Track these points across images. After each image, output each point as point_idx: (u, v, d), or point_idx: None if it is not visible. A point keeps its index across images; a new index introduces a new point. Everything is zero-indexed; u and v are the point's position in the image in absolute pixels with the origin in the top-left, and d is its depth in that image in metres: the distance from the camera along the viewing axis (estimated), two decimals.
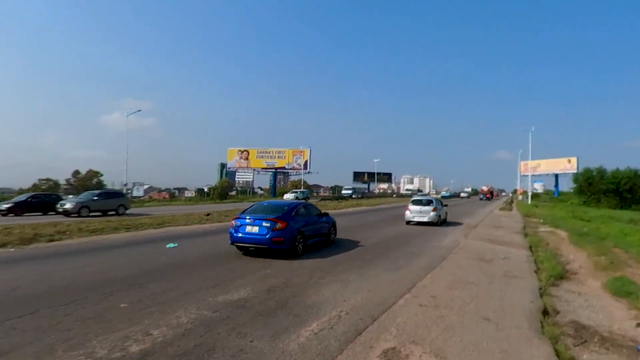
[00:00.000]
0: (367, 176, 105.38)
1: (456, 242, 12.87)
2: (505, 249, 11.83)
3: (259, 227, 9.33)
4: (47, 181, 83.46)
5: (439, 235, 14.79)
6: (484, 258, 10.04)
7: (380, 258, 9.50)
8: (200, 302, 5.56)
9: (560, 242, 14.51)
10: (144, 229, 16.99)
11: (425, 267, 8.51)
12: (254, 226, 9.41)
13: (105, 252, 10.09)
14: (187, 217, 22.66)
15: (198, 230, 16.08)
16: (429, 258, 9.70)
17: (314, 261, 8.88)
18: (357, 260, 9.08)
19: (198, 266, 8.11)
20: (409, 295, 6.22)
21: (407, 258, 9.61)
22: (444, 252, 10.78)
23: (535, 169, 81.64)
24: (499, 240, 13.80)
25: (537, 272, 8.73)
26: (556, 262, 9.92)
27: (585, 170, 54.54)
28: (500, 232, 16.75)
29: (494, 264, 9.27)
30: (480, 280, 7.45)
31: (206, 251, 10.18)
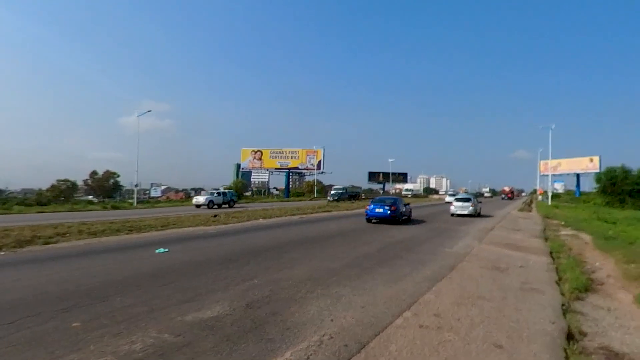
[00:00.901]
0: (382, 176, 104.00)
1: (469, 248, 11.91)
2: (523, 256, 10.83)
3: (382, 209, 19.43)
4: (66, 182, 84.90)
5: (451, 239, 13.83)
6: (499, 267, 9.10)
7: (382, 266, 8.66)
8: (165, 321, 4.84)
9: (584, 247, 13.40)
10: (146, 230, 16.52)
11: (431, 278, 7.64)
12: (379, 208, 19.58)
13: (91, 257, 9.52)
14: (194, 218, 22.20)
15: (200, 232, 15.48)
16: (437, 267, 8.81)
17: (309, 269, 8.09)
18: (355, 269, 8.26)
19: (181, 275, 7.41)
20: (408, 314, 5.38)
21: (411, 266, 8.73)
22: (454, 259, 9.87)
23: (556, 169, 79.13)
24: (516, 246, 12.77)
25: (559, 283, 7.77)
26: (580, 270, 8.92)
27: (609, 170, 52.21)
28: (518, 236, 15.66)
29: (509, 274, 8.33)
30: (493, 295, 6.55)
31: (198, 257, 9.50)
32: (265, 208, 33.59)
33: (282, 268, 8.21)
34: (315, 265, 8.53)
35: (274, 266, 8.38)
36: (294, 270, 8.05)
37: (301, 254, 10.03)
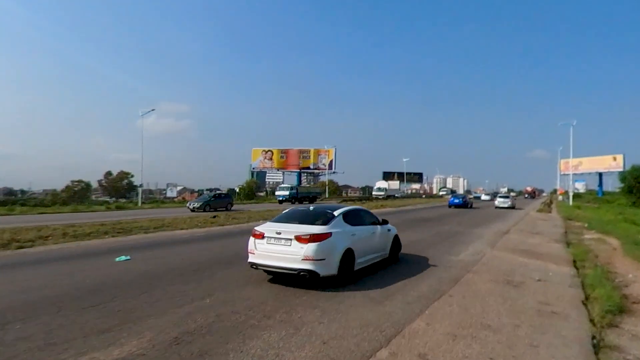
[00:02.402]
0: (397, 176, 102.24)
1: (479, 255, 10.42)
2: (541, 265, 9.31)
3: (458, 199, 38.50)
4: (80, 182, 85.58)
5: (459, 244, 12.33)
6: (512, 280, 7.62)
7: (370, 279, 7.28)
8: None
9: (612, 254, 11.75)
10: (135, 233, 15.54)
11: (427, 296, 6.24)
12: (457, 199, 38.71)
13: (46, 266, 8.49)
14: (190, 219, 21.20)
15: (186, 236, 14.32)
16: (436, 280, 7.38)
17: (274, 287, 6.78)
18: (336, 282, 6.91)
19: (123, 292, 6.19)
20: (384, 353, 4.02)
21: (406, 279, 7.32)
22: (459, 270, 8.41)
23: (577, 168, 76.19)
24: (533, 252, 11.22)
25: (586, 304, 6.29)
26: (611, 285, 7.39)
27: (634, 168, 49.38)
28: (536, 240, 14.05)
29: (524, 290, 6.86)
30: (502, 322, 5.12)
31: (161, 266, 8.29)
32: (270, 209, 32.46)
33: (250, 282, 6.91)
34: (289, 278, 7.22)
35: (242, 279, 7.10)
36: (263, 285, 6.74)
37: None
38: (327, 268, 6.55)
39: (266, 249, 6.84)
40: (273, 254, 6.70)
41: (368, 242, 8.04)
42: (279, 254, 6.63)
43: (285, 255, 6.56)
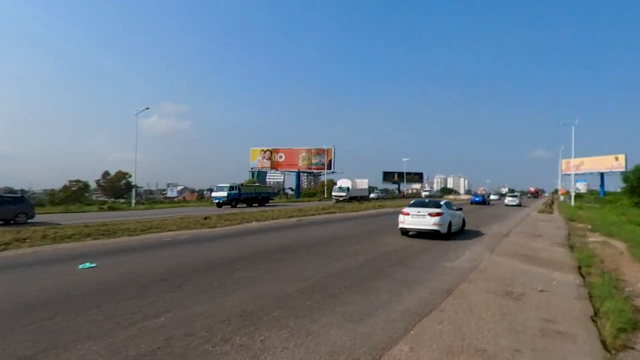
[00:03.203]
0: (397, 176, 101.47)
1: (476, 260, 9.67)
2: (544, 273, 8.57)
3: (479, 198, 48.63)
4: (77, 182, 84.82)
5: (456, 249, 11.57)
6: (512, 291, 6.88)
7: (353, 291, 6.52)
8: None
9: (619, 259, 11.01)
10: (119, 236, 14.84)
11: (414, 311, 5.49)
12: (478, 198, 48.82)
13: (2, 274, 7.71)
14: (180, 221, 20.46)
15: (168, 239, 13.57)
16: (427, 291, 6.63)
17: (251, 296, 6.05)
18: (315, 295, 6.16)
19: (66, 307, 5.44)
20: None
21: (393, 291, 6.57)
22: (454, 279, 7.67)
23: (579, 168, 75.44)
24: (535, 257, 10.47)
25: (595, 319, 5.55)
26: (621, 297, 6.66)
27: (638, 168, 48.63)
28: (538, 244, 13.30)
29: (526, 304, 6.12)
30: (500, 345, 4.38)
31: (126, 275, 7.56)
32: (265, 210, 31.76)
33: (217, 295, 6.17)
34: (264, 289, 6.48)
35: (208, 291, 6.36)
36: (231, 297, 6.00)
37: (258, 271, 7.99)
38: (443, 229, 13.67)
39: (411, 220, 14.10)
40: (415, 223, 14.00)
41: (455, 219, 15.19)
42: (419, 223, 13.91)
43: (423, 223, 13.81)
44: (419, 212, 14.03)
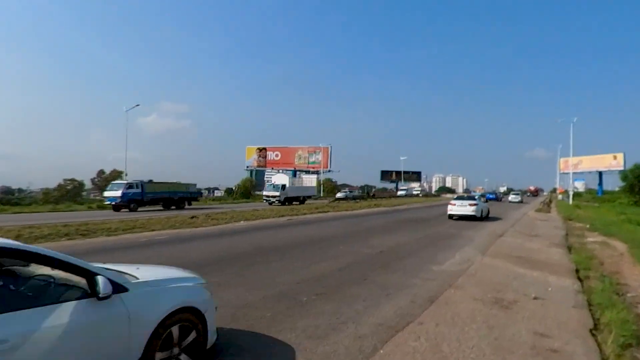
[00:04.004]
0: (395, 175, 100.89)
1: (466, 263, 8.98)
2: (539, 277, 7.89)
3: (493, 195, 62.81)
4: (72, 181, 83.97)
5: (446, 249, 10.89)
6: (503, 298, 6.19)
7: (326, 299, 5.82)
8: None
9: (619, 261, 10.37)
10: (97, 236, 14.19)
11: (389, 324, 4.80)
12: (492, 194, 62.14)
13: None
14: (167, 220, 19.75)
15: (143, 240, 12.89)
16: (408, 299, 5.94)
17: None
18: (279, 305, 5.46)
19: None
20: None
21: (369, 300, 5.87)
22: (440, 284, 6.98)
23: (577, 166, 74.85)
24: (530, 259, 9.80)
25: (595, 332, 4.88)
26: (624, 305, 6.00)
27: (636, 167, 48.17)
28: (534, 244, 12.62)
29: (517, 314, 5.43)
30: None
31: None
32: (256, 208, 31.07)
33: None
34: (226, 297, 5.77)
35: None
36: None
37: (226, 276, 7.31)
38: (478, 214, 20.76)
39: (456, 209, 21.18)
40: (460, 210, 20.96)
41: (485, 208, 22.72)
42: (462, 210, 20.88)
43: (465, 210, 20.77)
44: (462, 203, 21.81)
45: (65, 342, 2.50)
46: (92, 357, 2.67)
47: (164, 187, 33.04)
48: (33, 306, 2.49)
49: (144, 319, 2.98)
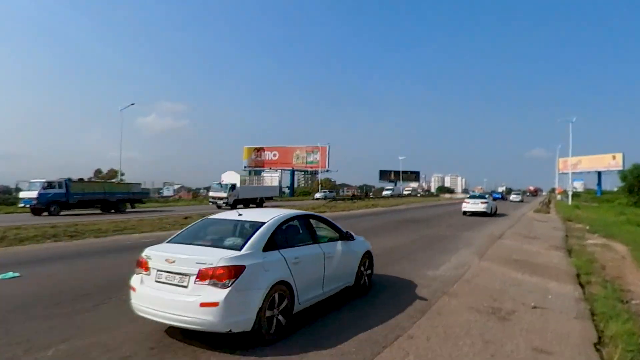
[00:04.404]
0: (393, 175, 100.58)
1: (462, 268, 8.58)
2: (538, 283, 7.50)
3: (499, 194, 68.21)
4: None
5: (442, 253, 10.48)
6: (500, 307, 5.80)
7: (309, 310, 5.43)
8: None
9: (621, 264, 10.01)
10: (86, 237, 13.84)
11: (374, 340, 4.39)
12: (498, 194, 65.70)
13: None
14: (159, 221, 19.39)
15: (127, 243, 12.45)
16: (397, 309, 5.50)
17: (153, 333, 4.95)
18: None
19: None
20: None
21: (356, 310, 5.45)
22: (433, 291, 6.56)
23: (576, 166, 74.69)
24: (529, 263, 9.41)
25: (600, 347, 4.49)
26: (628, 314, 5.61)
27: (635, 167, 47.88)
28: (533, 247, 12.24)
29: (515, 326, 5.04)
30: None
31: (44, 289, 6.45)
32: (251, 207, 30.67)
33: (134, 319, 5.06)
34: None
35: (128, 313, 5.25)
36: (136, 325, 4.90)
37: None
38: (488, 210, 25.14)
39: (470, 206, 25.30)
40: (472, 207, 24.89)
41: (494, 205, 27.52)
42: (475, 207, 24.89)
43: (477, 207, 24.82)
44: (475, 201, 25.41)
45: (333, 259, 5.57)
46: (344, 268, 5.88)
47: (98, 187, 28.91)
48: (313, 244, 5.38)
49: (358, 254, 6.42)
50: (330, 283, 5.48)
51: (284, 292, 4.43)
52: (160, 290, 4.15)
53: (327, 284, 5.39)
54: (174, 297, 4.00)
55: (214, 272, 3.91)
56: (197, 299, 3.86)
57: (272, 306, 4.27)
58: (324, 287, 5.31)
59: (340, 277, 5.80)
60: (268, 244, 4.53)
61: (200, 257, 4.08)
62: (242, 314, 3.95)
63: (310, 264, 5.04)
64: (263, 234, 4.58)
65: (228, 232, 5.07)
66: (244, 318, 3.96)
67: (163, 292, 4.11)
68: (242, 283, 3.96)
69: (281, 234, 4.89)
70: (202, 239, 4.89)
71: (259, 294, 4.07)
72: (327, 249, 5.52)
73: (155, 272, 4.26)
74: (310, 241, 5.37)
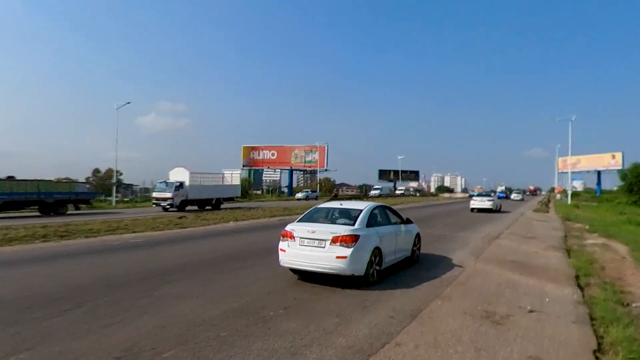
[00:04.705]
0: (392, 174, 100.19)
1: (457, 269, 8.31)
2: (535, 285, 7.23)
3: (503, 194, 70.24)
4: (66, 180, 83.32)
5: (439, 253, 10.22)
6: (494, 311, 5.52)
7: (292, 314, 5.13)
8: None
9: (621, 265, 9.73)
10: (76, 237, 13.61)
11: (359, 348, 4.11)
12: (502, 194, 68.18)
13: None
14: (153, 220, 19.16)
15: (116, 244, 12.18)
16: (385, 314, 5.23)
17: (147, 330, 4.68)
18: (242, 319, 4.77)
19: None
20: None
21: (342, 314, 5.17)
22: (425, 294, 6.28)
23: (575, 166, 74.38)
24: (526, 264, 9.14)
25: (599, 354, 4.22)
26: (629, 318, 5.34)
27: (635, 166, 47.54)
28: (530, 247, 11.97)
29: (509, 332, 4.76)
30: None
31: (26, 289, 6.19)
32: (251, 208, 30.44)
33: (115, 322, 4.78)
34: (181, 312, 5.07)
35: (106, 317, 4.97)
36: (130, 326, 4.60)
37: (190, 285, 6.62)
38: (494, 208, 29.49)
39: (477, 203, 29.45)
40: (479, 205, 29.09)
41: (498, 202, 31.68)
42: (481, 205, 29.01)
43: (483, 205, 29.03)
44: (482, 199, 29.58)
45: (399, 236, 8.10)
46: (405, 244, 8.44)
47: (31, 187, 24.67)
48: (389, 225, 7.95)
49: (412, 234, 8.92)
50: (399, 252, 8.12)
51: (377, 254, 6.94)
52: (304, 251, 6.62)
53: (397, 252, 8.01)
54: (316, 254, 6.49)
55: (342, 238, 6.40)
56: (333, 254, 6.34)
57: (372, 262, 6.73)
58: (395, 254, 7.91)
59: (403, 249, 8.42)
60: (368, 223, 7.06)
61: (331, 229, 6.64)
62: (359, 264, 6.44)
63: (389, 238, 7.59)
64: (364, 216, 7.12)
65: (337, 215, 7.51)
66: (360, 267, 6.45)
67: (307, 251, 6.58)
68: (359, 245, 6.45)
69: (372, 217, 7.37)
70: (318, 220, 7.43)
71: (367, 253, 6.60)
72: (397, 229, 8.17)
73: (298, 239, 6.72)
74: (387, 223, 7.98)
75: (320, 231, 6.59)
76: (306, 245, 6.59)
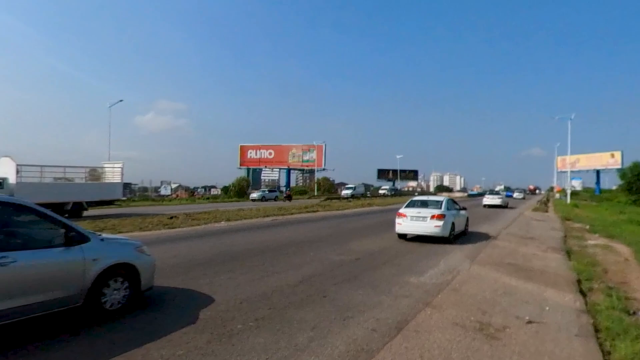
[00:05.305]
0: (391, 173, 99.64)
1: (451, 274, 7.77)
2: (534, 291, 6.70)
3: None
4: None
5: (430, 256, 9.64)
6: (489, 322, 4.99)
7: (263, 327, 4.59)
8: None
9: (624, 268, 9.23)
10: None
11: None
12: None
13: None
14: (142, 220, 18.61)
15: None
16: (368, 327, 4.69)
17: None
18: (205, 334, 4.23)
19: None
20: None
21: (318, 327, 4.64)
22: (414, 302, 5.75)
23: (574, 165, 73.97)
24: (525, 268, 8.61)
25: None
26: (638, 330, 4.81)
27: (635, 165, 47.13)
28: (529, 249, 11.45)
29: (505, 348, 4.23)
30: None
31: None
32: (242, 208, 29.86)
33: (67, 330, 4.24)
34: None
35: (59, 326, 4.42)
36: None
37: None
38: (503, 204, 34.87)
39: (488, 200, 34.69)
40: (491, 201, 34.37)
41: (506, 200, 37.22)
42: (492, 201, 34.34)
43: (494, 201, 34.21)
44: (492, 197, 34.62)
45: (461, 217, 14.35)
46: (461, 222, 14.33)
47: None
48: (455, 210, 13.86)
49: (465, 217, 14.84)
50: (459, 226, 12.94)
51: (452, 226, 11.95)
52: (413, 224, 11.90)
53: (458, 226, 12.84)
54: (422, 225, 11.74)
55: (437, 216, 11.62)
56: (432, 224, 11.56)
57: (452, 230, 11.96)
58: (458, 227, 12.73)
59: (461, 226, 13.38)
60: (447, 207, 12.30)
61: (430, 212, 11.84)
62: (446, 231, 11.61)
63: (457, 217, 12.74)
64: (445, 204, 12.50)
65: (428, 203, 12.71)
66: (446, 232, 11.61)
67: (415, 224, 11.86)
68: (445, 220, 11.61)
69: (449, 204, 12.76)
70: (415, 206, 12.61)
71: (449, 225, 11.76)
72: (460, 213, 13.47)
73: (409, 217, 11.97)
74: (454, 209, 12.93)
75: (424, 211, 11.83)
76: (414, 220, 11.79)
